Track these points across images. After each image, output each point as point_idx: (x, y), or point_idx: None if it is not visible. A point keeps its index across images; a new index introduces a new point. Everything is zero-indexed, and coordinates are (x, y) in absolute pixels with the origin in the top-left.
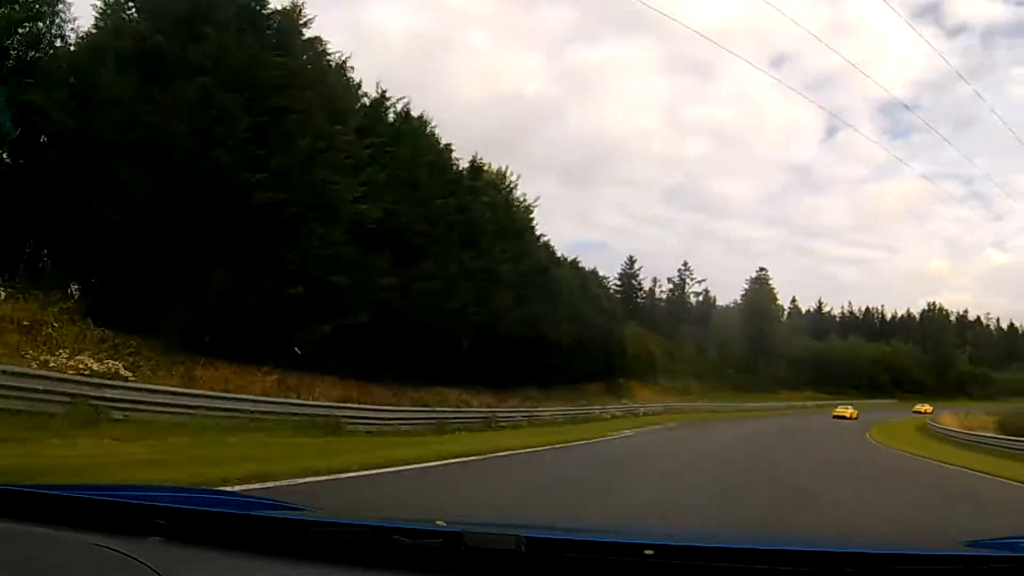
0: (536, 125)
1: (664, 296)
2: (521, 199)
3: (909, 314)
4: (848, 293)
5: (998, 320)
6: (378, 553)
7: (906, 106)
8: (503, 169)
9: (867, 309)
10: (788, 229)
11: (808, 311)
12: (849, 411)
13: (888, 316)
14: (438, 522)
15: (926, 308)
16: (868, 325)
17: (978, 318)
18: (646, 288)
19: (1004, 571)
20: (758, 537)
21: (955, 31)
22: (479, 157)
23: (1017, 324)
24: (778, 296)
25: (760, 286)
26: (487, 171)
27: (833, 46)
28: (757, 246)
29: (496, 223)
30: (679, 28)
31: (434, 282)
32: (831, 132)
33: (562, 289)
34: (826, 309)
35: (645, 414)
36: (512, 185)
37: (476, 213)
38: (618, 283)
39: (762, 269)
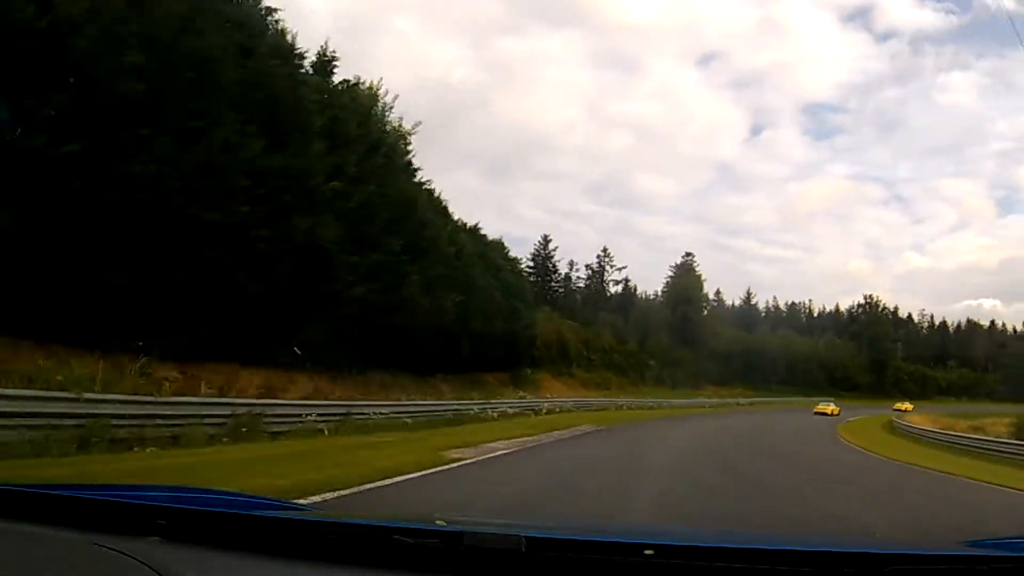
0: (458, 117)
1: (581, 284)
2: (396, 123)
3: (837, 309)
4: (770, 291)
5: (932, 317)
6: (378, 553)
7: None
8: (375, 84)
9: (793, 304)
10: (711, 226)
11: (733, 305)
12: (830, 408)
13: (815, 312)
14: (438, 522)
15: (862, 302)
16: (795, 320)
17: (910, 315)
18: (562, 273)
19: (1004, 571)
20: (758, 537)
21: (884, 36)
22: (330, 49)
23: (950, 322)
24: (704, 284)
25: (686, 272)
26: (355, 84)
27: (760, 46)
28: (679, 243)
29: (329, 120)
30: (604, 22)
31: (160, 169)
32: (756, 131)
33: (444, 246)
34: (752, 302)
35: (549, 411)
36: (386, 106)
37: (284, 94)
38: (531, 264)
39: (688, 254)
